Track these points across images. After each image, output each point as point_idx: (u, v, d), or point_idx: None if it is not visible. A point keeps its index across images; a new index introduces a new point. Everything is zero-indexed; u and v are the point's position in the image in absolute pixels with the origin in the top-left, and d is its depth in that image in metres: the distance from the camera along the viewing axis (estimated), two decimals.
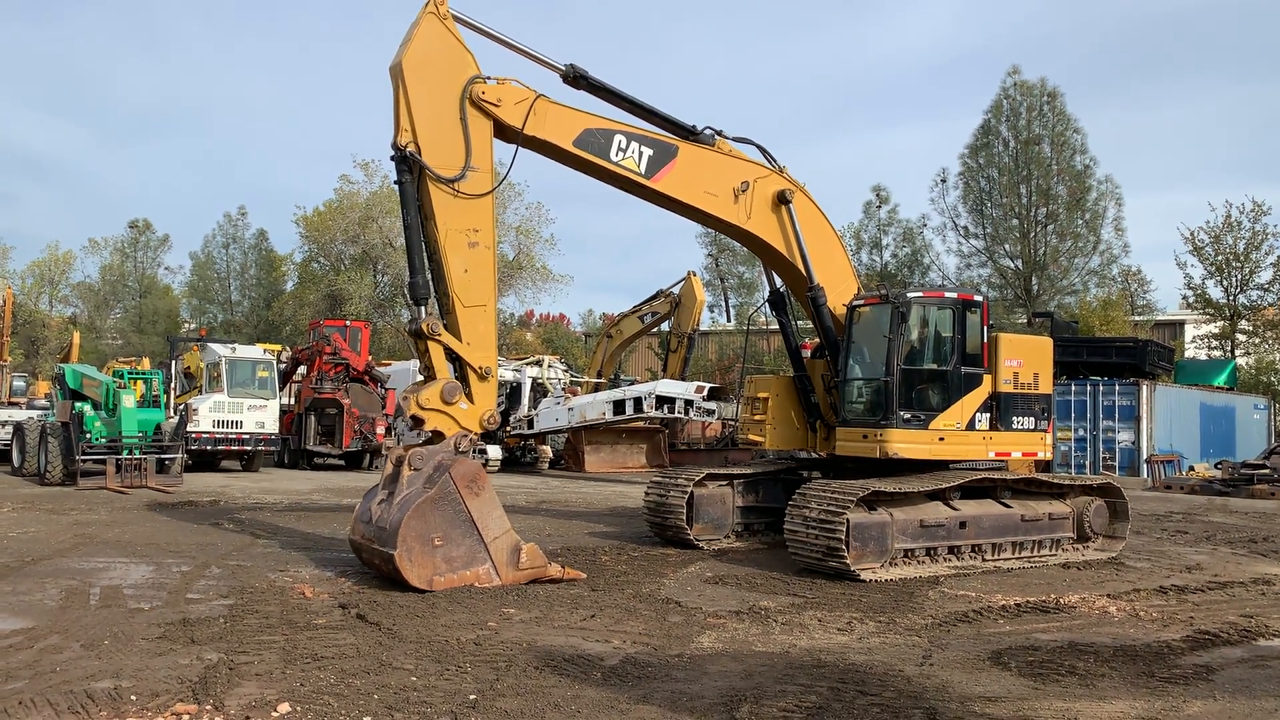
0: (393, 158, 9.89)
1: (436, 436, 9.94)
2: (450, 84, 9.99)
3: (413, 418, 9.80)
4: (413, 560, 9.11)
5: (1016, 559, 11.71)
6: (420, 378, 10.24)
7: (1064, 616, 8.91)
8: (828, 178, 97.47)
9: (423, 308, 9.95)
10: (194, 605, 8.59)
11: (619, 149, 10.87)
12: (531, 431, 28.81)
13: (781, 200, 11.96)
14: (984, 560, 11.44)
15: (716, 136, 11.71)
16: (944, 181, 45.60)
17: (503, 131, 10.33)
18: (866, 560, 10.42)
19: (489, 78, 10.18)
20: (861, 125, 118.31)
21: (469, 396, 10.04)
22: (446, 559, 9.32)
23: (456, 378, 10.12)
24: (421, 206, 9.96)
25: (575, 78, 10.98)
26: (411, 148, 9.75)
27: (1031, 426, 12.06)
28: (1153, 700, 6.34)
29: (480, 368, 10.06)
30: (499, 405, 29.01)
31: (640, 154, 11.00)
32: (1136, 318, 48.20)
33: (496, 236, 10.47)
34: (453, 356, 10.12)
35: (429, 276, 10.05)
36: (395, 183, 10.00)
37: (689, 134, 11.51)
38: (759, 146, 12.13)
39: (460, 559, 9.39)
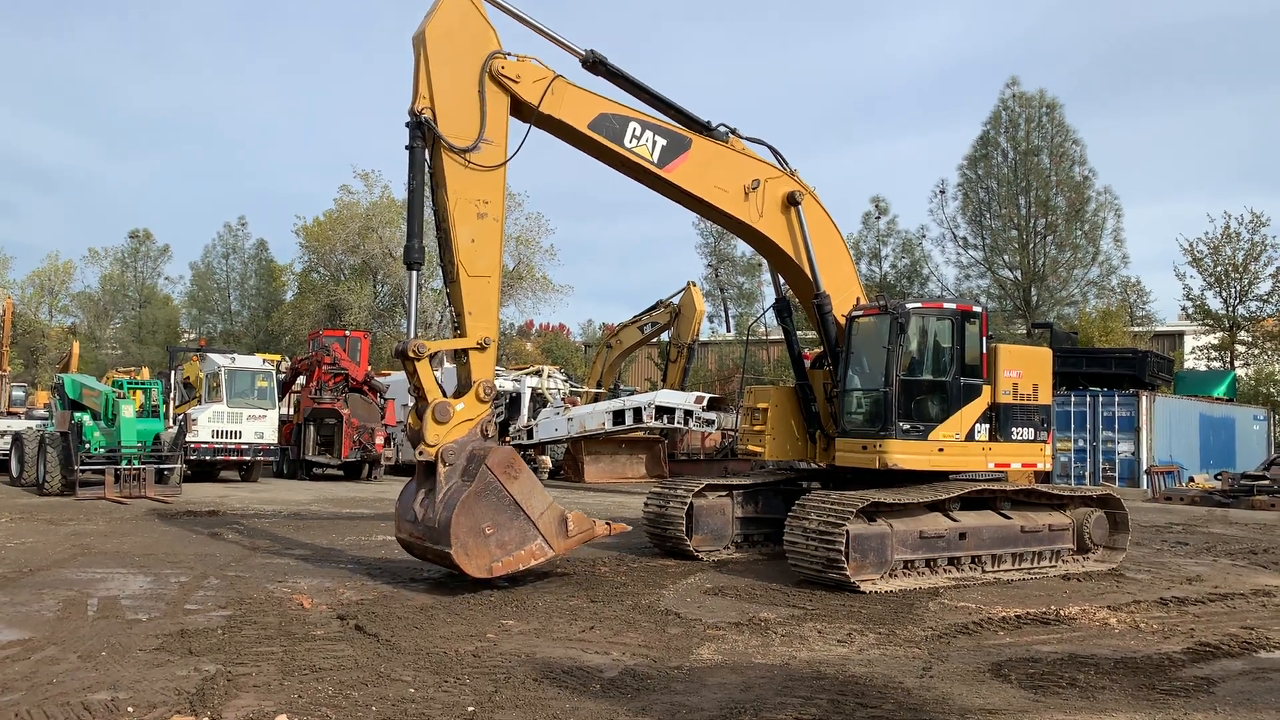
0: (407, 123, 9.97)
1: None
2: (471, 57, 10.10)
3: (439, 456, 9.76)
4: (469, 554, 9.44)
5: (1016, 570, 11.69)
6: (410, 400, 10.29)
7: (1064, 628, 8.89)
8: (827, 188, 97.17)
9: (411, 330, 10.03)
10: (192, 616, 8.57)
11: (633, 136, 10.94)
12: (531, 441, 28.77)
13: (791, 202, 12.00)
14: (984, 572, 11.42)
15: (730, 134, 11.77)
16: (943, 192, 45.77)
17: (519, 109, 10.42)
18: (866, 572, 10.40)
19: (509, 54, 10.29)
20: (860, 136, 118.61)
21: (468, 368, 10.13)
22: (500, 544, 9.64)
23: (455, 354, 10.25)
24: (433, 175, 10.06)
25: (594, 63, 11.06)
26: (428, 114, 9.85)
27: (1031, 437, 12.05)
28: (1153, 713, 6.32)
29: (481, 340, 10.13)
30: (498, 416, 29.02)
31: (654, 143, 11.06)
32: (1136, 329, 48.21)
33: (505, 211, 10.53)
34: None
35: (424, 242, 10.16)
36: (407, 147, 10.04)
37: (703, 129, 11.58)
38: (771, 148, 12.20)
39: (513, 541, 9.70)
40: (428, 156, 10.01)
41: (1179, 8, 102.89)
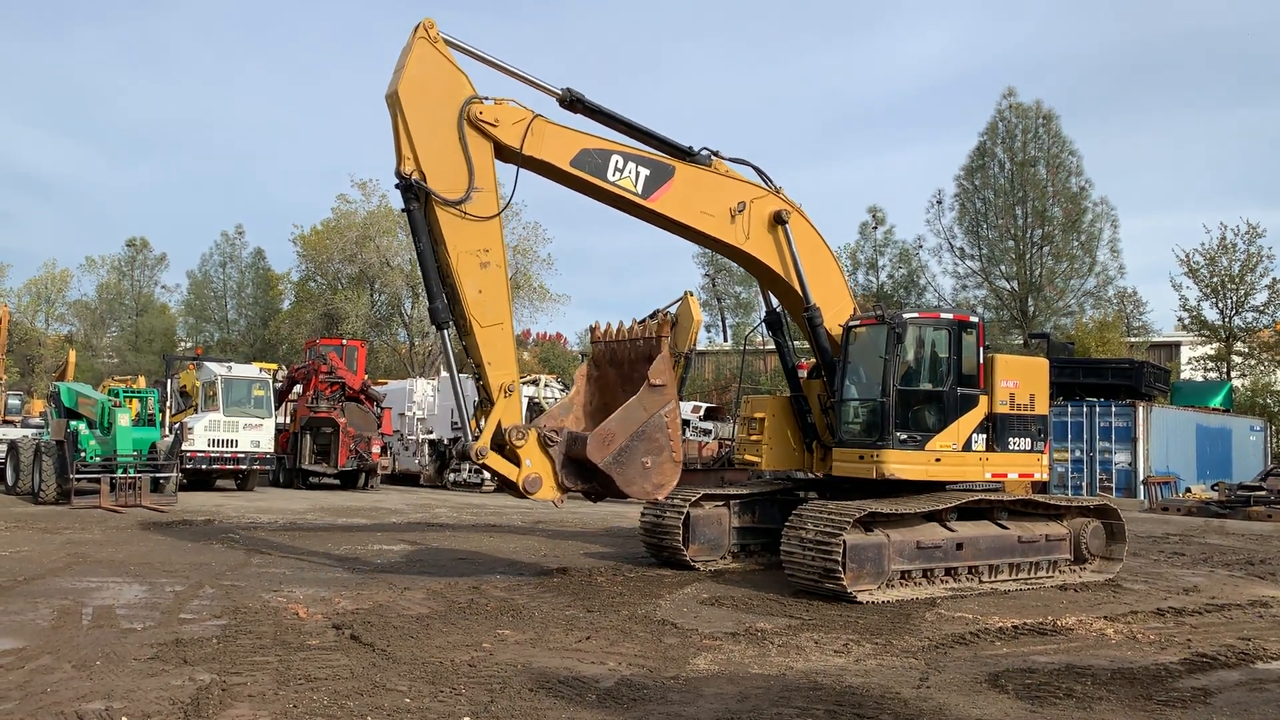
0: (397, 186, 9.92)
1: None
2: (448, 107, 10.01)
3: (565, 492, 10.57)
4: (664, 482, 10.68)
5: (1013, 581, 11.68)
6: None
7: (1061, 639, 8.87)
8: (824, 199, 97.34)
9: (466, 431, 10.16)
10: (187, 625, 8.54)
11: (616, 169, 10.90)
12: None
13: (778, 221, 11.98)
14: (981, 582, 11.41)
15: (713, 157, 11.74)
16: (940, 203, 45.85)
17: (501, 152, 10.36)
18: (863, 582, 10.39)
19: (486, 98, 10.22)
20: (858, 147, 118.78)
21: (489, 412, 10.13)
22: (659, 451, 10.58)
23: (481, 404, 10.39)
24: (430, 232, 9.98)
25: (572, 101, 11.02)
26: (415, 175, 9.77)
27: (1028, 447, 12.05)
28: None
29: (503, 386, 10.13)
30: None
31: (637, 174, 11.02)
32: (1132, 339, 48.30)
33: (506, 254, 10.51)
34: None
35: (446, 300, 10.10)
36: (403, 211, 10.02)
37: (685, 155, 11.53)
38: (755, 167, 12.16)
39: (660, 438, 10.60)
40: (424, 216, 9.94)
41: (1177, 19, 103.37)
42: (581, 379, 12.41)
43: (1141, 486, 28.79)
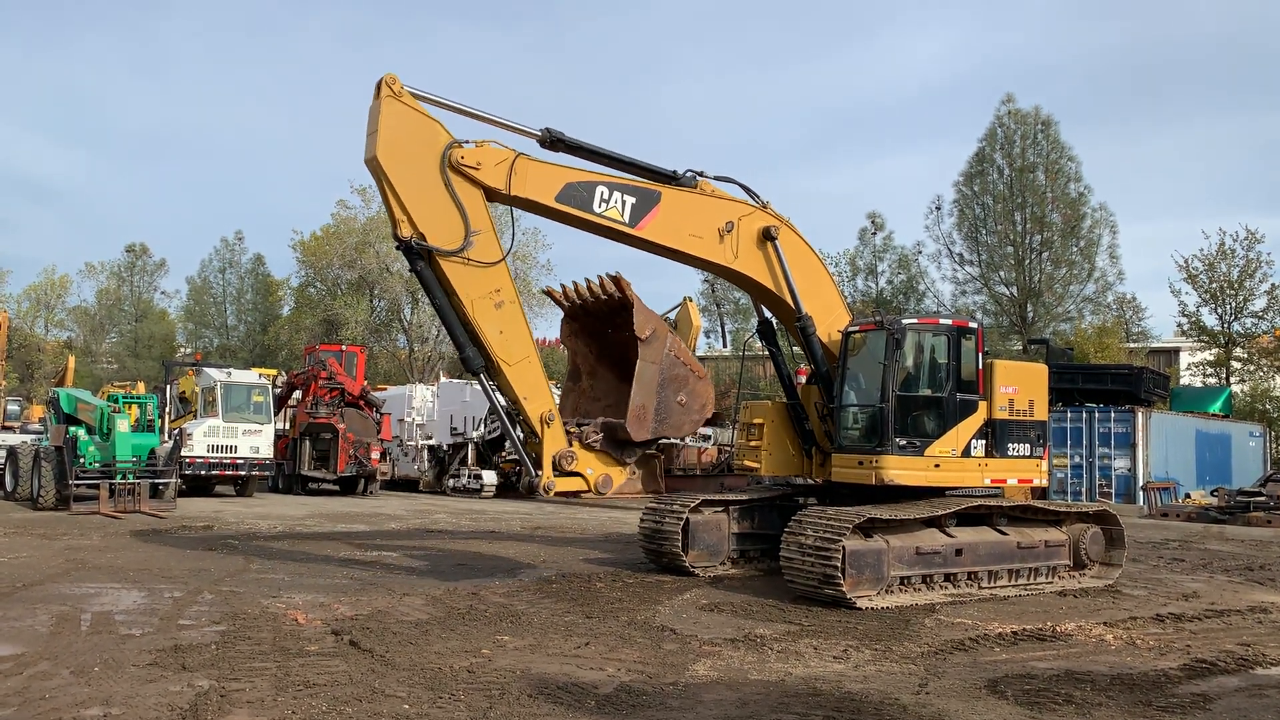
0: (398, 247, 9.92)
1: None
2: (428, 158, 9.88)
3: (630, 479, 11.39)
4: (702, 402, 11.37)
5: (1013, 586, 11.67)
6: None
7: (1060, 645, 8.87)
8: (823, 204, 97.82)
9: (531, 469, 10.38)
10: (185, 631, 8.53)
11: (601, 200, 10.81)
12: None
13: (767, 237, 11.91)
14: (980, 588, 11.40)
15: (698, 178, 11.67)
16: (939, 209, 45.95)
17: (488, 194, 10.28)
18: (863, 588, 10.38)
19: (466, 141, 10.11)
20: (857, 152, 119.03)
21: (539, 445, 10.31)
22: (685, 382, 11.21)
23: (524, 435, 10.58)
24: (440, 284, 10.00)
25: (553, 140, 10.92)
26: (414, 236, 9.74)
27: (1027, 453, 12.05)
28: None
29: (542, 417, 10.24)
30: (493, 432, 29.00)
31: (623, 203, 10.95)
32: (1131, 345, 48.31)
33: (515, 287, 10.54)
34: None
35: (475, 348, 10.13)
36: (411, 271, 10.04)
37: (670, 179, 11.47)
38: (741, 185, 12.07)
39: (681, 373, 11.19)
40: (433, 271, 9.98)
41: (1177, 26, 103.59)
42: (570, 338, 12.62)
43: (1141, 492, 28.78)
